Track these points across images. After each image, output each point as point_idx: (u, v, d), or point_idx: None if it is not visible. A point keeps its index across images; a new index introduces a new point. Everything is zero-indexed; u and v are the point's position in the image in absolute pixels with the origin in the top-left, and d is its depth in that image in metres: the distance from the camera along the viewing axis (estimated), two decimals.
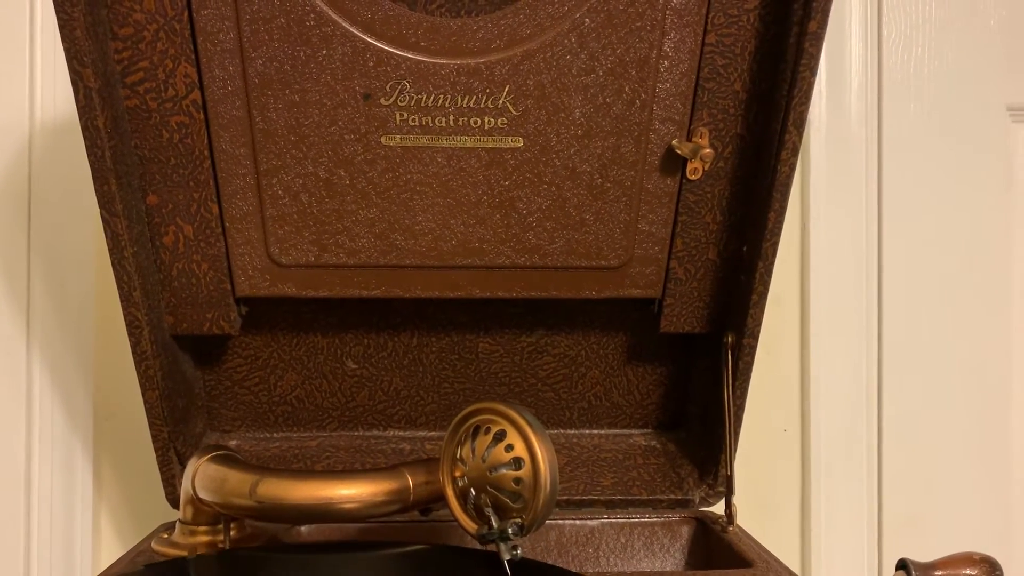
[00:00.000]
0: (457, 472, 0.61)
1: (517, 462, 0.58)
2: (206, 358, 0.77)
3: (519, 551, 0.57)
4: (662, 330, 0.74)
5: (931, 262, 0.94)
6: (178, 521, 0.68)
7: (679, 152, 0.68)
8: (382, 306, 0.76)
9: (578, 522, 0.76)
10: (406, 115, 0.66)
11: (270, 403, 0.79)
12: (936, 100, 0.94)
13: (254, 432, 0.80)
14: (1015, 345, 0.96)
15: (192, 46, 0.64)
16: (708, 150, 0.66)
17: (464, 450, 0.60)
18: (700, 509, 0.78)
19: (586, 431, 0.82)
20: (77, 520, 0.88)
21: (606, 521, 0.76)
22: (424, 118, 0.66)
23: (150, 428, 0.70)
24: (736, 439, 0.74)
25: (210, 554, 0.65)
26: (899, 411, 0.94)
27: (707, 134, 0.68)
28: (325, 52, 0.64)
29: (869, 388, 0.94)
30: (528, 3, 0.64)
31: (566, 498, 0.78)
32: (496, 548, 0.57)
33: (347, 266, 0.70)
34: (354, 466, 0.78)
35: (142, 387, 0.68)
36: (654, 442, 0.82)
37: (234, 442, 0.79)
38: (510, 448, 0.58)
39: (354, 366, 0.78)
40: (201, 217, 0.68)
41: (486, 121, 0.66)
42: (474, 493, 0.59)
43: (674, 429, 0.82)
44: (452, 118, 0.66)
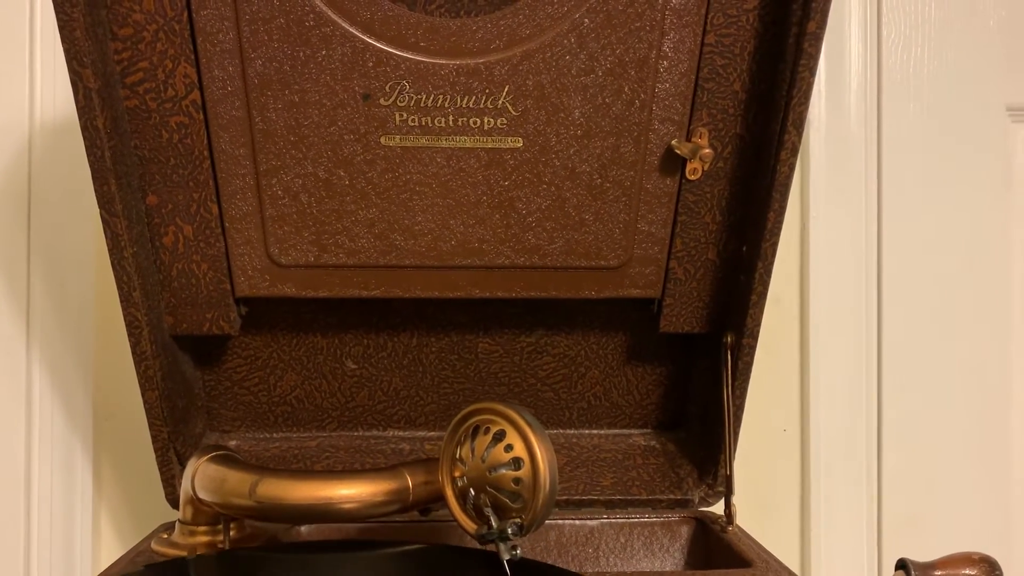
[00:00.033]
0: (456, 472, 0.61)
1: (516, 462, 0.58)
2: (206, 358, 0.77)
3: (518, 551, 0.57)
4: (662, 330, 0.74)
5: (931, 262, 0.94)
6: (178, 521, 0.68)
7: (678, 152, 0.68)
8: (382, 306, 0.76)
9: (578, 522, 0.76)
10: (406, 115, 0.66)
11: (270, 403, 0.79)
12: (936, 100, 0.94)
13: (254, 432, 0.80)
14: (1014, 345, 0.96)
15: (192, 46, 0.64)
16: (707, 150, 0.66)
17: (463, 450, 0.60)
18: (700, 509, 0.78)
19: (586, 431, 0.82)
20: (77, 520, 0.88)
21: (606, 521, 0.77)
22: (424, 118, 0.66)
23: (150, 428, 0.70)
24: (736, 439, 0.74)
25: (210, 554, 0.65)
26: (899, 411, 0.94)
27: (706, 134, 0.68)
28: (325, 52, 0.64)
29: (869, 388, 0.94)
30: (527, 3, 0.64)
31: (566, 498, 0.78)
32: (495, 548, 0.57)
33: (347, 266, 0.70)
34: (354, 466, 0.78)
35: (142, 387, 0.69)
36: (654, 442, 0.82)
37: (234, 442, 0.79)
38: (509, 448, 0.58)
39: (354, 366, 0.78)
40: (201, 217, 0.68)
41: (485, 121, 0.66)
42: (473, 493, 0.59)
43: (674, 429, 0.83)
44: (452, 118, 0.66)
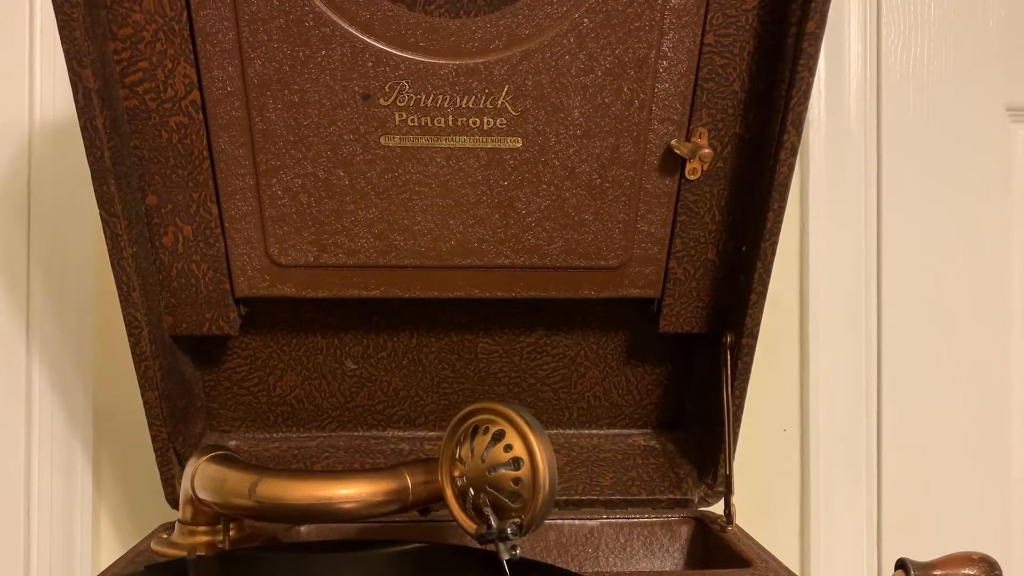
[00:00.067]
0: (456, 472, 0.61)
1: (516, 462, 0.58)
2: (205, 358, 0.77)
3: (518, 551, 0.57)
4: (661, 330, 0.74)
5: (930, 261, 0.94)
6: (177, 521, 0.68)
7: (678, 152, 0.68)
8: (381, 306, 0.76)
9: (577, 522, 0.76)
10: (405, 115, 0.66)
11: (269, 403, 0.79)
12: (935, 100, 0.94)
13: (253, 432, 0.80)
14: (1014, 344, 0.96)
15: (191, 46, 0.64)
16: (707, 150, 0.66)
17: (463, 450, 0.60)
18: (699, 509, 0.78)
19: (585, 431, 0.82)
20: (77, 520, 0.88)
21: (605, 521, 0.77)
22: (423, 118, 0.66)
23: (149, 428, 0.70)
24: (735, 439, 0.74)
25: (210, 555, 0.65)
26: (898, 410, 0.94)
27: (706, 134, 0.68)
28: (324, 52, 0.64)
29: (868, 387, 0.94)
30: (527, 3, 0.64)
31: (565, 498, 0.78)
32: (495, 548, 0.57)
33: (346, 266, 0.70)
34: (353, 466, 0.78)
35: (141, 387, 0.69)
36: (653, 442, 0.82)
37: (233, 442, 0.79)
38: (509, 448, 0.58)
39: (353, 366, 0.78)
40: (200, 217, 0.68)
41: (485, 121, 0.66)
42: (473, 493, 0.59)
43: (673, 429, 0.83)
44: (451, 118, 0.66)
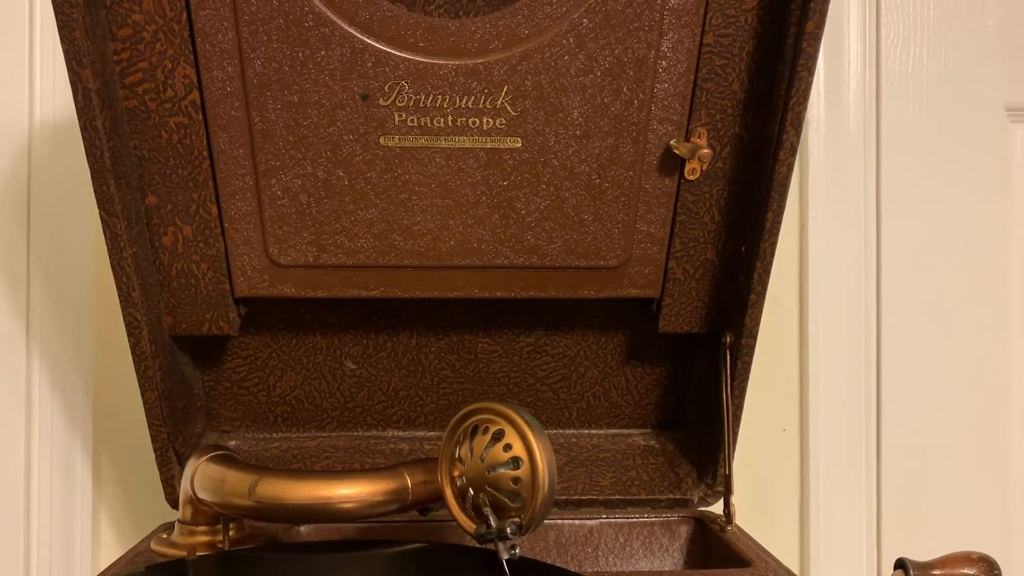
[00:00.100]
0: (455, 471, 0.61)
1: (515, 461, 0.58)
2: (205, 358, 0.77)
3: (517, 550, 0.57)
4: (661, 330, 0.75)
5: (929, 261, 0.94)
6: (177, 521, 0.68)
7: (677, 152, 0.68)
8: (381, 306, 0.76)
9: (577, 522, 0.77)
10: (404, 115, 0.66)
11: (269, 403, 0.79)
12: (934, 100, 0.94)
13: (253, 432, 0.80)
14: (1013, 344, 0.96)
15: (191, 47, 0.64)
16: (706, 150, 0.66)
17: (462, 450, 0.60)
18: (699, 509, 0.78)
19: (585, 431, 0.82)
20: (77, 520, 0.88)
21: (605, 521, 0.77)
22: (423, 119, 0.66)
23: (149, 428, 0.70)
24: (735, 439, 0.74)
25: (210, 555, 0.65)
26: (898, 410, 0.94)
27: (705, 134, 0.68)
28: (324, 53, 0.64)
29: (868, 387, 0.94)
30: (526, 4, 0.64)
31: (565, 498, 0.78)
32: (495, 547, 0.57)
33: (346, 266, 0.70)
34: (353, 466, 0.78)
35: (141, 387, 0.69)
36: (653, 442, 0.82)
37: (233, 442, 0.79)
38: (508, 447, 0.58)
39: (353, 366, 0.78)
40: (200, 218, 0.68)
41: (484, 121, 0.66)
42: (472, 492, 0.59)
43: (673, 429, 0.83)
44: (450, 118, 0.66)
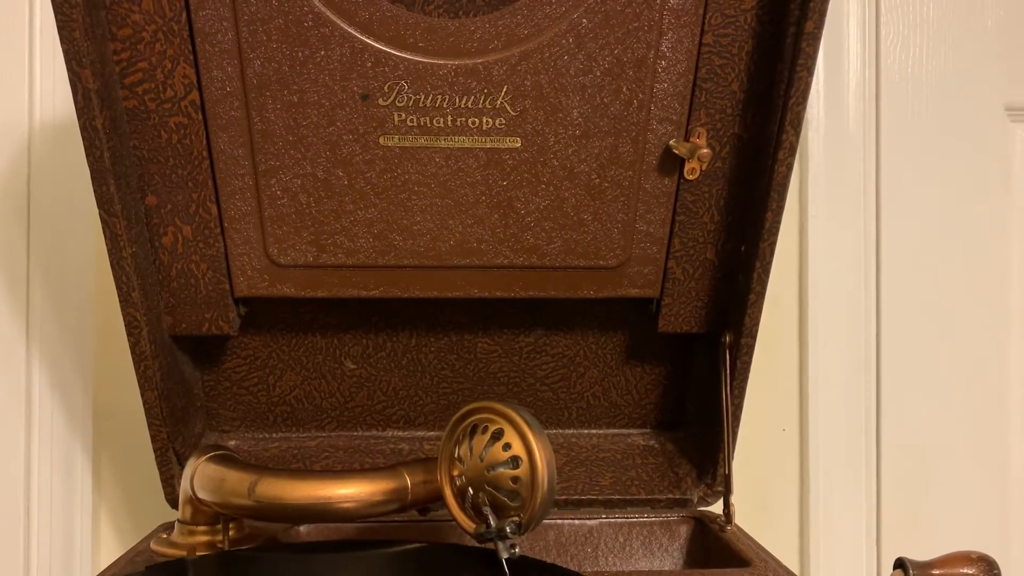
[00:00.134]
0: (455, 471, 0.61)
1: (515, 461, 0.58)
2: (205, 358, 0.77)
3: (517, 550, 0.57)
4: (660, 330, 0.75)
5: (929, 261, 0.94)
6: (177, 521, 0.68)
7: (677, 152, 0.68)
8: (381, 306, 0.76)
9: (577, 521, 0.77)
10: (404, 115, 0.66)
11: (269, 403, 0.79)
12: (934, 100, 0.94)
13: (253, 432, 0.80)
14: (1013, 344, 0.96)
15: (191, 47, 0.64)
16: (705, 150, 0.66)
17: (462, 449, 0.60)
18: (698, 509, 0.78)
19: (584, 431, 0.82)
20: (76, 520, 0.88)
21: (605, 521, 0.77)
22: (422, 118, 0.66)
23: (149, 428, 0.70)
24: (734, 439, 0.74)
25: (210, 555, 0.65)
26: (897, 410, 0.94)
27: (704, 134, 0.68)
28: (323, 53, 0.64)
29: (868, 387, 0.94)
30: (526, 4, 0.64)
31: (565, 498, 0.78)
32: (494, 547, 0.57)
33: (346, 266, 0.70)
34: (352, 466, 0.78)
35: (141, 387, 0.69)
36: (652, 442, 0.82)
37: (233, 442, 0.79)
38: (508, 447, 0.58)
39: (353, 366, 0.78)
40: (200, 217, 0.68)
41: (484, 121, 0.66)
42: (472, 492, 0.59)
43: (672, 429, 0.83)
44: (450, 118, 0.66)
